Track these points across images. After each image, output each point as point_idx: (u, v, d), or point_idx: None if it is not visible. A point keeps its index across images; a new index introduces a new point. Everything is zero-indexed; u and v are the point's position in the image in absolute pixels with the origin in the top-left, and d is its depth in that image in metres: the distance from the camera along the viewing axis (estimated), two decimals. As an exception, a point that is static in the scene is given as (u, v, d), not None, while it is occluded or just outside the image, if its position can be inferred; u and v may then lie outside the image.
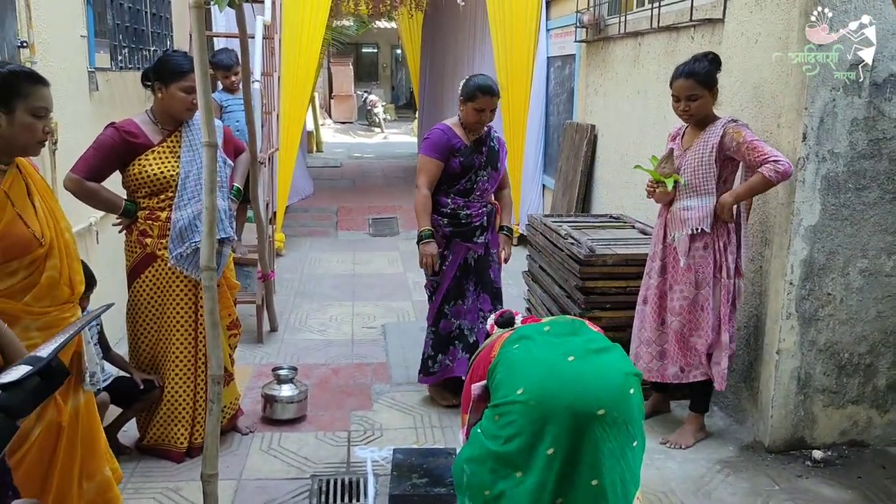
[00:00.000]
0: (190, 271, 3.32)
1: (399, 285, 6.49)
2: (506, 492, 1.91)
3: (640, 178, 5.07)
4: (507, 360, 2.00)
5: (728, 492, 3.21)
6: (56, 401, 2.21)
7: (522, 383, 1.90)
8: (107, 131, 3.21)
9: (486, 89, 3.79)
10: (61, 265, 2.22)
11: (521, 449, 1.87)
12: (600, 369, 1.92)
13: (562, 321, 2.16)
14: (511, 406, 1.89)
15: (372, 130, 22.77)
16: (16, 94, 2.08)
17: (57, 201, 2.35)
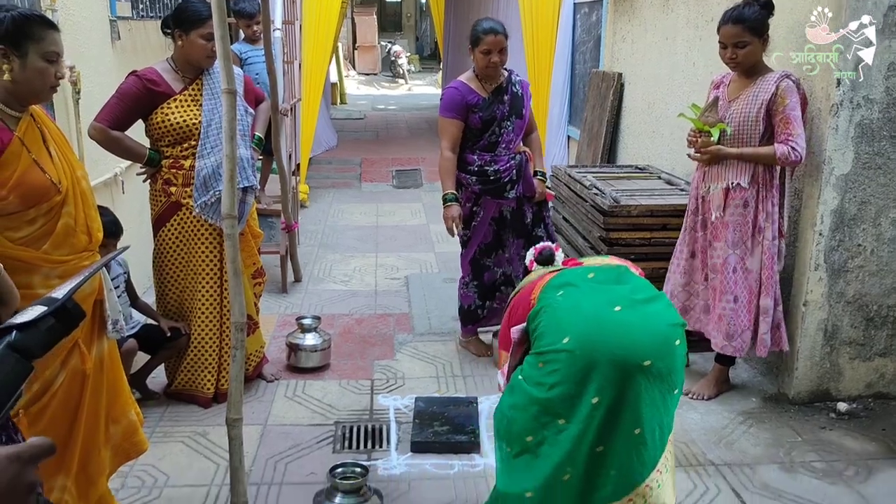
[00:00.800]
0: (214, 219, 3.34)
1: (422, 237, 6.49)
2: (547, 438, 1.91)
3: (667, 128, 4.97)
4: (551, 308, 1.96)
5: (750, 442, 3.20)
6: (80, 349, 2.24)
7: (568, 332, 1.88)
8: (129, 80, 3.20)
9: (489, 29, 3.66)
10: (76, 212, 2.22)
11: (565, 397, 1.87)
12: (646, 320, 1.90)
13: (606, 268, 2.10)
14: (556, 355, 1.88)
15: (396, 82, 22.53)
16: (28, 38, 2.06)
17: (72, 149, 2.35)
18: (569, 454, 1.88)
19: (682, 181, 4.48)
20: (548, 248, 2.43)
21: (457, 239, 4.00)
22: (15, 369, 1.09)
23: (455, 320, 4.55)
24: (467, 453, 3.13)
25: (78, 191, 2.24)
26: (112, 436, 2.43)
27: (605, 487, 1.90)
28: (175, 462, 3.02)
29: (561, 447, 1.88)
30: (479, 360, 4.02)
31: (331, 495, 2.55)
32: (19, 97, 2.12)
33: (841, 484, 2.92)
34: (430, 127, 12.79)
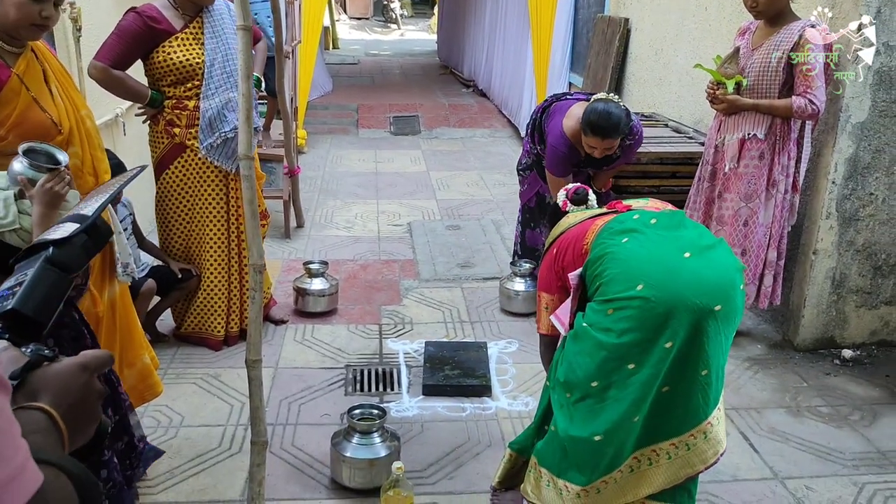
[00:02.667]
0: (221, 161, 3.30)
1: (422, 184, 6.44)
2: (615, 383, 1.93)
3: (675, 75, 4.91)
4: (618, 255, 1.94)
5: (757, 388, 3.25)
6: (91, 292, 2.21)
7: (641, 279, 1.88)
8: (128, 17, 3.10)
9: (598, 129, 3.11)
10: (83, 153, 2.16)
11: (637, 342, 1.89)
12: (715, 266, 1.92)
13: (665, 214, 2.06)
14: (629, 301, 1.88)
15: (388, 27, 22.12)
16: None
17: (76, 88, 2.28)
18: (639, 398, 1.90)
19: (690, 129, 4.45)
20: (581, 189, 2.38)
21: (458, 187, 3.98)
22: (56, 283, 1.13)
23: (460, 267, 4.56)
24: (478, 396, 3.16)
25: (83, 130, 2.18)
26: (126, 378, 2.43)
27: (670, 424, 1.94)
28: (189, 402, 3.04)
29: (631, 391, 1.91)
30: (487, 307, 4.03)
31: (349, 436, 2.57)
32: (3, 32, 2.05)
33: (846, 428, 2.98)
34: (424, 73, 12.63)
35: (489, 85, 9.46)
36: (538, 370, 3.37)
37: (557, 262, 2.17)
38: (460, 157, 7.52)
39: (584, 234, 2.12)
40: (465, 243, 4.96)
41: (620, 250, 1.94)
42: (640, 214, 2.04)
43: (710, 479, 2.64)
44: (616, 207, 2.19)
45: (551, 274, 2.21)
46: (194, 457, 2.69)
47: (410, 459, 2.70)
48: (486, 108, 9.30)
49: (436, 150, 7.78)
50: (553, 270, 2.20)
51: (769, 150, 3.21)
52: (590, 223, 2.14)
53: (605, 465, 1.97)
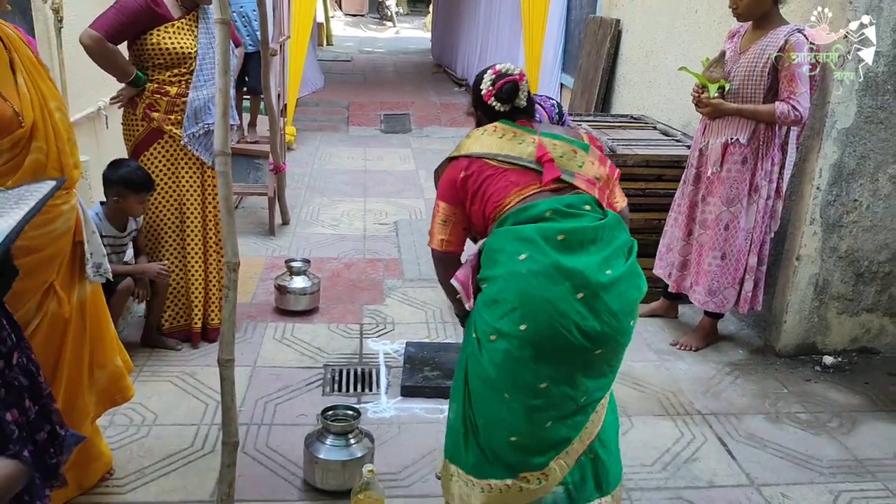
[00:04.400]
0: (199, 152, 3.30)
1: (411, 182, 6.41)
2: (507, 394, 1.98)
3: (664, 78, 4.90)
4: (511, 279, 1.86)
5: (737, 393, 3.24)
6: (58, 293, 2.14)
7: (526, 319, 1.83)
8: None
9: None
10: (48, 147, 2.06)
11: (511, 379, 1.93)
12: (608, 310, 1.84)
13: (576, 230, 1.88)
14: (510, 337, 1.86)
15: (383, 24, 22.11)
16: None
17: (47, 77, 2.17)
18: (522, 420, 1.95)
19: (679, 132, 4.43)
20: (510, 84, 2.09)
21: None
22: None
23: (445, 267, 4.53)
24: (457, 398, 3.13)
25: (49, 124, 2.07)
26: (97, 380, 2.36)
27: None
28: (163, 401, 3.00)
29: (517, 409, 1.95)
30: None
31: (322, 437, 2.54)
32: None
33: (825, 435, 2.97)
34: (418, 71, 12.60)
35: (481, 84, 9.43)
36: (518, 372, 3.35)
37: (465, 187, 2.05)
38: (450, 156, 7.48)
39: (503, 195, 1.97)
40: (450, 243, 4.92)
41: (514, 273, 1.85)
42: (549, 224, 1.89)
43: (686, 486, 2.63)
44: (544, 158, 1.99)
45: (454, 190, 2.08)
46: (165, 456, 2.65)
47: (385, 461, 2.67)
48: (478, 107, 9.26)
49: (426, 148, 7.75)
50: (456, 189, 2.07)
51: (752, 155, 3.19)
52: (512, 185, 1.98)
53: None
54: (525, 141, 2.04)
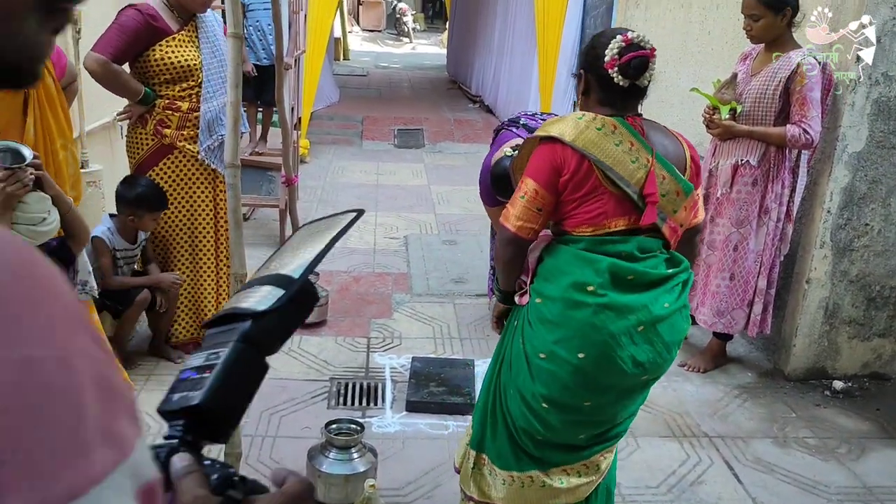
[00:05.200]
0: (216, 164, 3.32)
1: (422, 197, 6.43)
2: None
3: (676, 98, 4.90)
4: (570, 306, 1.87)
5: (744, 416, 3.21)
6: None
7: (583, 350, 1.87)
8: (128, 12, 3.09)
9: (494, 185, 3.35)
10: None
11: (558, 399, 1.97)
12: (662, 343, 1.90)
13: (653, 273, 1.88)
14: (563, 363, 1.90)
15: (400, 40, 22.23)
16: None
17: (60, 111, 2.13)
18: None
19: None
20: (643, 54, 1.91)
21: (458, 202, 3.96)
22: (253, 368, 0.81)
23: (454, 283, 4.53)
24: (462, 415, 3.12)
25: (52, 165, 2.06)
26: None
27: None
28: (169, 411, 3.01)
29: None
30: (478, 324, 4.00)
31: (325, 450, 2.54)
32: None
33: (833, 461, 2.93)
34: (433, 87, 12.66)
35: (495, 101, 9.48)
36: (524, 390, 3.34)
37: (565, 183, 1.88)
38: (462, 172, 7.50)
39: (593, 221, 1.88)
40: (460, 258, 4.93)
41: (578, 302, 1.86)
42: (623, 263, 1.86)
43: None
44: (650, 199, 1.86)
45: (554, 175, 1.88)
46: (169, 466, 2.66)
47: (388, 477, 2.67)
48: (491, 123, 9.27)
49: (438, 164, 7.78)
50: (558, 175, 1.88)
51: (762, 178, 3.18)
52: (606, 215, 1.87)
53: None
54: (639, 159, 1.87)
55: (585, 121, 1.87)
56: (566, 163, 1.87)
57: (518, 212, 1.91)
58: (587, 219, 1.89)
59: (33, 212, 1.85)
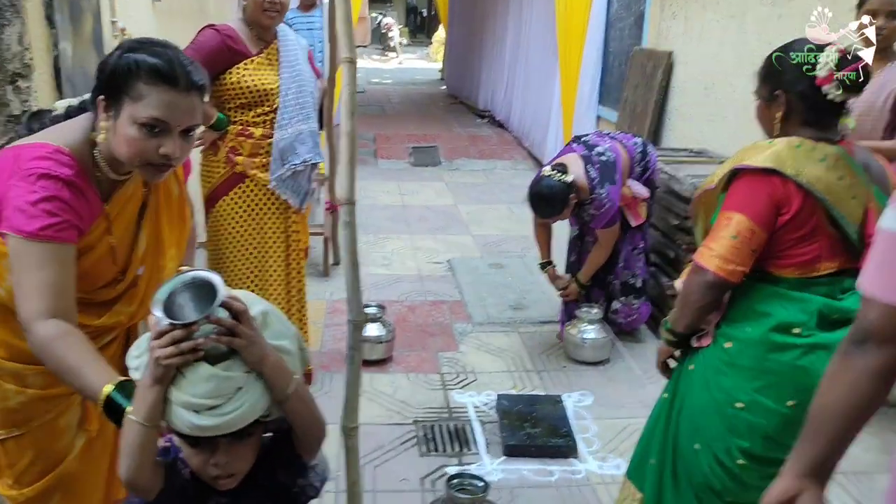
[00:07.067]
0: (287, 195, 3.11)
1: (453, 218, 6.23)
2: None
3: (731, 112, 4.76)
4: (772, 349, 1.72)
5: (860, 448, 3.03)
6: (87, 406, 1.71)
7: (795, 397, 1.70)
8: (206, 33, 2.88)
9: (531, 205, 3.57)
10: (135, 310, 1.70)
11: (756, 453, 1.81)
12: None
13: (852, 304, 1.71)
14: (768, 413, 1.74)
15: (386, 55, 22.12)
16: (123, 91, 1.47)
17: (179, 221, 1.78)
18: None
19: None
20: (862, 62, 1.76)
21: (491, 221, 3.91)
22: None
23: (513, 310, 4.34)
24: (564, 458, 2.92)
25: (153, 281, 1.69)
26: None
27: None
28: (253, 465, 2.77)
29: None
30: (550, 354, 3.80)
31: (448, 510, 2.33)
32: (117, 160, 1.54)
33: (966, 496, 2.77)
34: (433, 102, 12.52)
35: (507, 116, 9.32)
36: (621, 427, 3.15)
37: (784, 222, 1.69)
38: (486, 189, 7.33)
39: (806, 264, 1.71)
40: (511, 283, 4.74)
41: (783, 344, 1.71)
42: (833, 303, 1.70)
43: (840, 558, 2.42)
44: (870, 239, 1.68)
45: (771, 210, 1.69)
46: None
47: (508, 533, 2.46)
48: (505, 139, 9.14)
49: (459, 182, 7.59)
50: (774, 211, 1.69)
51: None
52: (821, 259, 1.71)
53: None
54: (857, 195, 1.70)
55: (805, 150, 1.68)
56: (789, 200, 1.67)
57: (727, 253, 1.69)
58: (800, 262, 1.71)
59: (201, 395, 1.22)
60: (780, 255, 1.73)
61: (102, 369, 1.40)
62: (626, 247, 3.74)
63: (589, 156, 3.48)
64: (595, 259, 3.65)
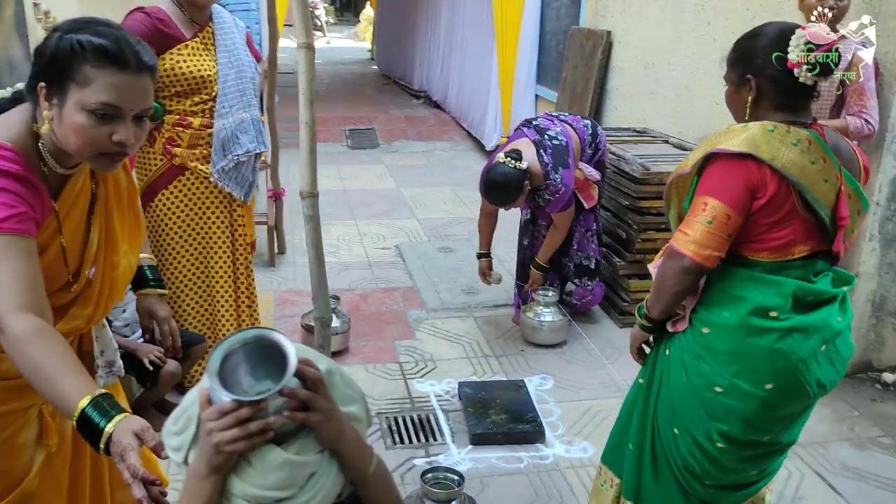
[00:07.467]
0: (231, 187, 2.97)
1: (397, 202, 6.14)
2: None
3: (672, 91, 4.81)
4: (750, 332, 1.72)
5: (813, 419, 3.09)
6: (47, 422, 1.60)
7: (773, 380, 1.72)
8: (135, 16, 2.68)
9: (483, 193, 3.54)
10: (93, 312, 1.59)
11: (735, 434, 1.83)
12: (840, 358, 1.78)
13: (832, 292, 1.74)
14: (746, 396, 1.74)
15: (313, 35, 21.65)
16: (68, 76, 1.35)
17: (132, 216, 1.67)
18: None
19: (695, 146, 4.33)
20: (832, 45, 1.74)
21: (435, 204, 3.88)
22: None
23: (466, 294, 4.30)
24: (531, 443, 2.91)
25: (106, 283, 1.59)
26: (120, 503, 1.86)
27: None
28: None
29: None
30: (508, 338, 3.79)
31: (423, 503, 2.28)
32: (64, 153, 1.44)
33: (914, 460, 2.89)
34: (366, 83, 12.30)
35: (444, 97, 9.23)
36: (584, 409, 3.16)
37: (759, 207, 1.68)
38: (427, 171, 7.26)
39: (780, 249, 1.71)
40: (462, 267, 4.70)
41: (759, 328, 1.71)
42: (806, 285, 1.71)
43: (805, 528, 2.49)
44: (843, 222, 1.71)
45: (747, 195, 1.67)
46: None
47: (484, 524, 2.43)
48: (443, 119, 9.06)
49: (399, 164, 7.49)
50: (749, 187, 1.67)
51: None
52: (795, 243, 1.70)
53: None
54: (829, 178, 1.69)
55: (779, 134, 1.67)
56: (765, 185, 1.65)
57: (704, 238, 1.68)
58: (774, 246, 1.70)
59: (271, 486, 1.02)
60: (754, 240, 1.73)
61: (81, 381, 1.27)
62: (580, 229, 3.74)
63: (541, 140, 3.46)
64: (552, 241, 3.64)
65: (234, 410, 0.99)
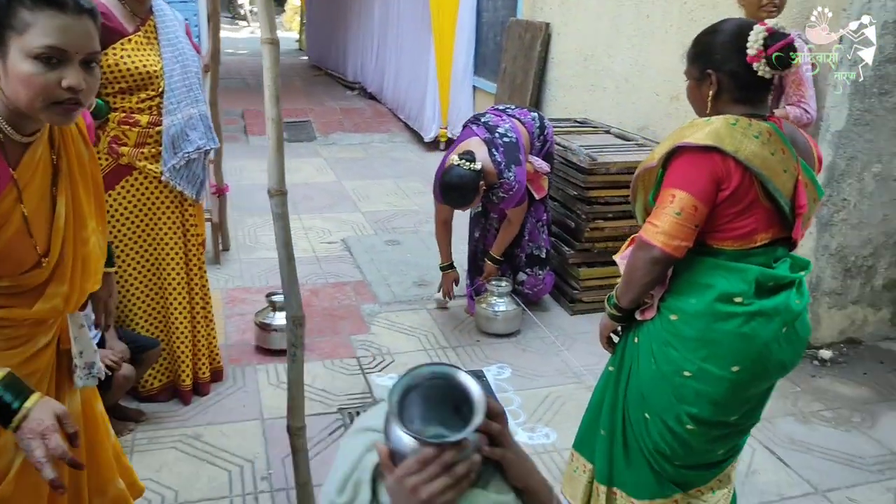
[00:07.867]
0: (183, 186, 2.89)
1: (340, 196, 6.09)
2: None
3: (612, 82, 4.92)
4: (717, 318, 1.79)
5: (759, 396, 3.28)
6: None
7: (738, 363, 1.80)
8: None
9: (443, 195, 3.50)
10: (70, 290, 1.55)
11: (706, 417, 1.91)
12: (800, 338, 1.87)
13: (791, 277, 1.82)
14: (713, 380, 1.82)
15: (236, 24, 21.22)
16: (5, 25, 1.32)
17: (96, 187, 1.63)
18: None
19: (638, 136, 4.46)
20: (790, 41, 1.74)
21: (378, 197, 3.90)
22: None
23: (418, 286, 4.31)
24: (495, 432, 2.95)
25: (79, 258, 1.55)
26: None
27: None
28: (177, 473, 2.60)
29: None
30: (462, 329, 3.82)
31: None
32: (16, 113, 1.39)
33: (854, 431, 3.06)
34: (296, 74, 12.12)
35: (380, 88, 9.18)
36: (543, 396, 3.22)
37: (724, 198, 1.74)
38: (366, 164, 7.22)
39: (743, 237, 1.78)
40: (410, 260, 4.71)
41: (725, 314, 1.78)
42: (768, 271, 1.79)
43: (760, 502, 2.60)
44: (801, 210, 1.79)
45: (713, 187, 1.73)
46: (213, 543, 2.29)
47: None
48: (380, 111, 9.01)
49: (337, 157, 7.43)
50: (716, 187, 1.74)
51: None
52: (757, 231, 1.78)
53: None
54: (788, 168, 1.76)
55: (741, 127, 1.73)
56: (729, 176, 1.72)
57: (672, 229, 1.73)
58: (738, 235, 1.78)
59: None
60: (719, 229, 1.80)
61: None
62: (531, 219, 3.79)
63: (492, 139, 3.48)
64: (507, 235, 3.68)
65: (437, 457, 0.87)
